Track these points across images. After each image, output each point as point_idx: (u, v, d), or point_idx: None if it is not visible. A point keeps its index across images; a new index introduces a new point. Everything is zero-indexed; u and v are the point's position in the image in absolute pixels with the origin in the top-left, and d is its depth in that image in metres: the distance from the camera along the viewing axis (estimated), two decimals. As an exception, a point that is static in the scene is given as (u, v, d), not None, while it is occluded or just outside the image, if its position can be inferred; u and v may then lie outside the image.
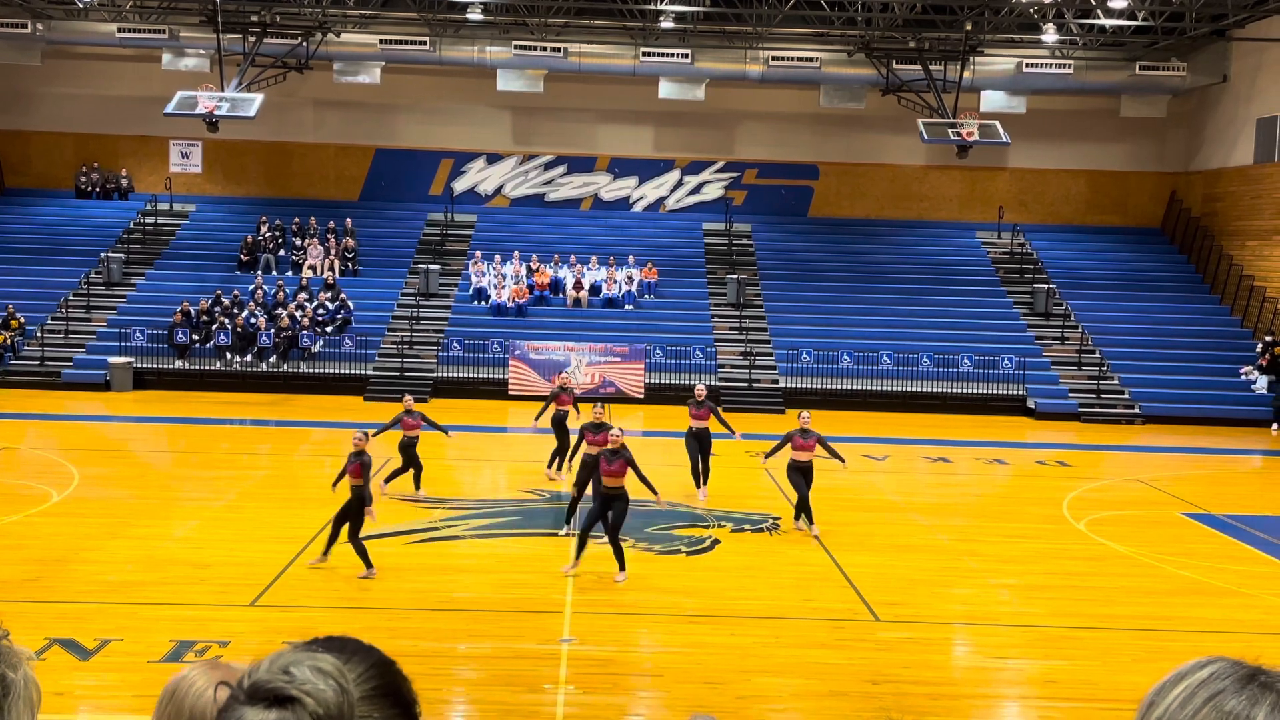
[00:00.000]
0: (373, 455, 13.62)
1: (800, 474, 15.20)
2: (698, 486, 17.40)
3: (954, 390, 28.65)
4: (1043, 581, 13.61)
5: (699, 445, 17.41)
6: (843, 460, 15.48)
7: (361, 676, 1.30)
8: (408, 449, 16.94)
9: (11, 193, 35.31)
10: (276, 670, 1.25)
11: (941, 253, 34.58)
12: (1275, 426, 27.39)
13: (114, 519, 15.14)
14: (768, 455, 15.84)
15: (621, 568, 12.91)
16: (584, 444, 15.21)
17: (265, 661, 1.27)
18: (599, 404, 16.25)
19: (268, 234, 33.27)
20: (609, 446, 13.11)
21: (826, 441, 15.33)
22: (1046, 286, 32.34)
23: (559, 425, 18.62)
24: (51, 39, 32.73)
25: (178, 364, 28.64)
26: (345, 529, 12.84)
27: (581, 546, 13.14)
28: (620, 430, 13.37)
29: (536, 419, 19.28)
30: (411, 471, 17.02)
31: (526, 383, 28.05)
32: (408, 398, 17.72)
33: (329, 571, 12.95)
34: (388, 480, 17.09)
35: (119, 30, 32.12)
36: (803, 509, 15.25)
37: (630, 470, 12.94)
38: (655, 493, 13.23)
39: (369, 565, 12.78)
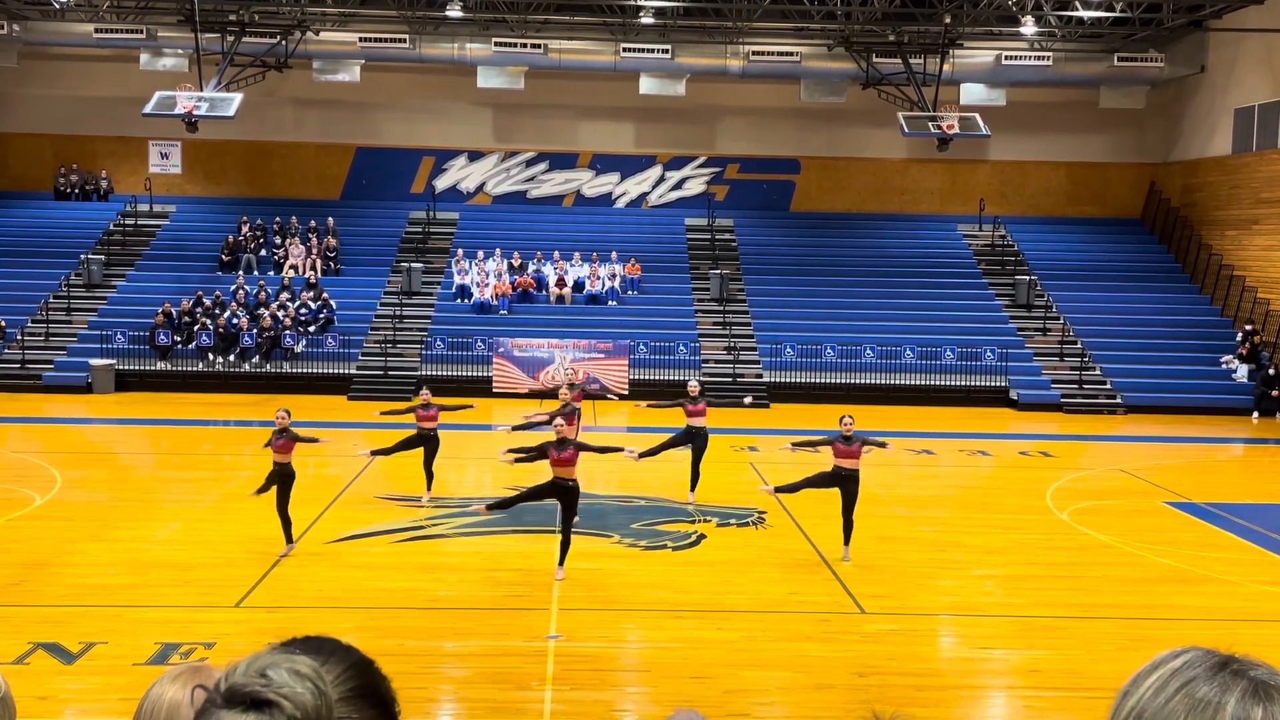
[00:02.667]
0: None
1: (839, 482, 13.59)
2: (639, 455, 15.25)
3: (937, 382, 28.73)
4: (1026, 572, 13.69)
5: (691, 442, 16.51)
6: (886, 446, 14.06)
7: (339, 678, 1.30)
8: (422, 441, 16.18)
9: (-11, 195, 35.10)
10: (253, 673, 1.25)
11: (923, 246, 34.66)
12: (1256, 415, 27.58)
13: (97, 522, 15.08)
14: (796, 445, 14.53)
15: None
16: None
17: (242, 664, 1.27)
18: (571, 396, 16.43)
19: (249, 234, 33.13)
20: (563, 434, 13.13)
21: (868, 440, 13.71)
22: (1028, 278, 32.46)
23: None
24: (28, 40, 32.51)
25: (160, 365, 28.51)
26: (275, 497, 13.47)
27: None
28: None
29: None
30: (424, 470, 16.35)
31: (511, 380, 28.02)
32: (424, 390, 16.70)
33: (314, 571, 12.93)
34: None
35: (96, 31, 31.91)
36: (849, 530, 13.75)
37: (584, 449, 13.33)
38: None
39: (290, 540, 13.50)
